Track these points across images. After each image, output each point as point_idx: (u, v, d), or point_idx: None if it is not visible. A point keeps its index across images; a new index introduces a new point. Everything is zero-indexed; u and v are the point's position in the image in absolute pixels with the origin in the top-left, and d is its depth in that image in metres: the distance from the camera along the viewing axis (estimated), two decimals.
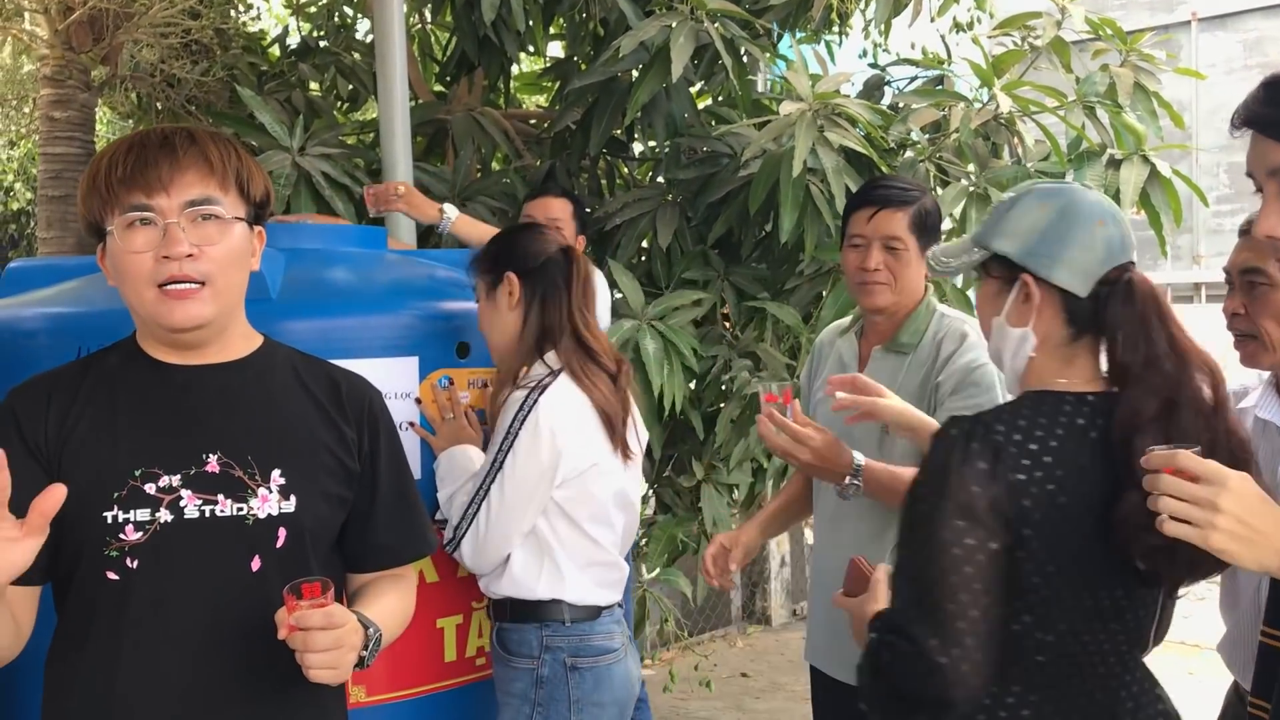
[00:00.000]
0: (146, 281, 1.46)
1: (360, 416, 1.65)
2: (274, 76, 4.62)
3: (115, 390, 1.52)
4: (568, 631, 2.21)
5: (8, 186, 10.23)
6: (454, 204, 3.99)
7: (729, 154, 3.71)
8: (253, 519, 1.51)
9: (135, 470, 1.48)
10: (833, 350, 2.58)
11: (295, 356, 1.66)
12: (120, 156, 1.47)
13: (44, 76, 4.01)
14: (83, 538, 1.47)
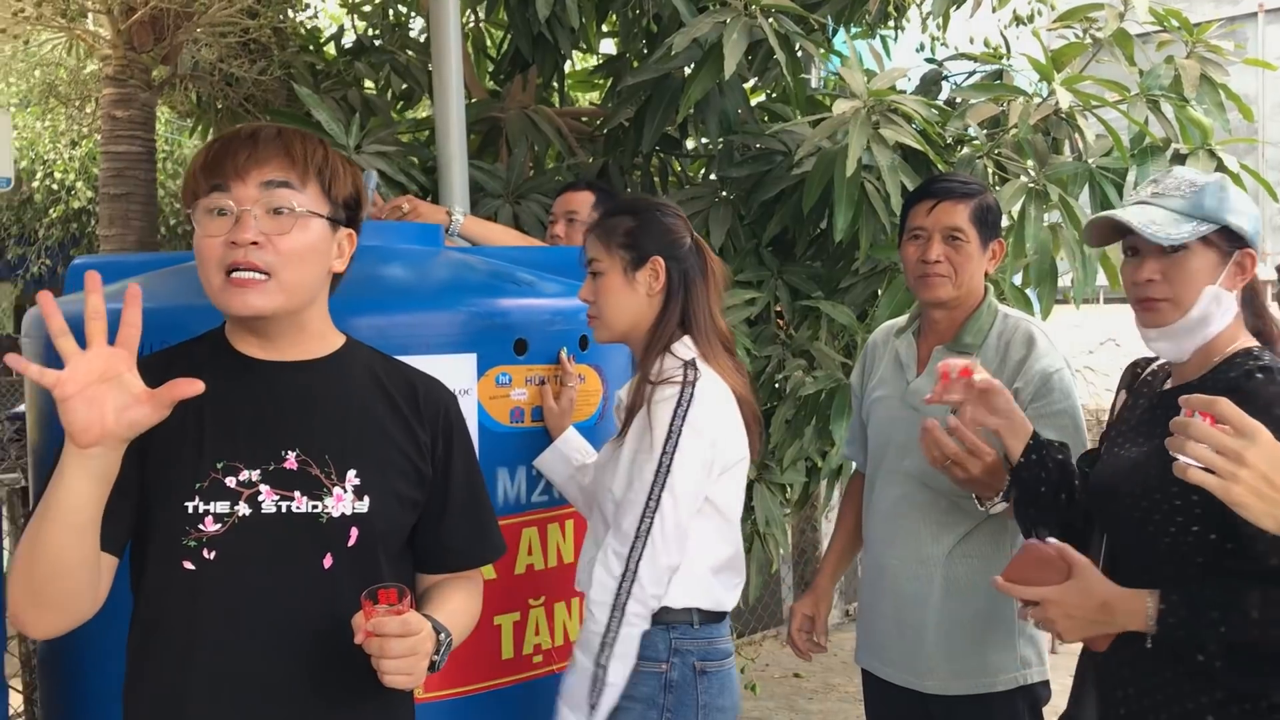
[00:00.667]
0: (215, 266, 1.47)
1: (435, 420, 1.66)
2: (330, 75, 4.66)
3: (202, 381, 1.53)
4: (696, 634, 2.10)
5: (69, 185, 10.44)
6: (508, 201, 4.03)
7: (783, 151, 3.68)
8: (326, 517, 1.52)
9: (218, 462, 1.49)
10: (887, 350, 2.55)
11: (376, 358, 1.67)
12: (207, 148, 1.51)
13: (106, 76, 4.08)
14: (163, 525, 1.48)
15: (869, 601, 2.52)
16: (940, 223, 2.31)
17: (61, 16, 3.90)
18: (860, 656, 2.53)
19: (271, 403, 1.55)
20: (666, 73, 3.82)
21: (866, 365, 2.62)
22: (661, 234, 2.15)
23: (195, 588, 1.48)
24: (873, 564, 2.48)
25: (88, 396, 1.27)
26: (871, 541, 2.49)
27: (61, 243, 10.81)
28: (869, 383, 2.58)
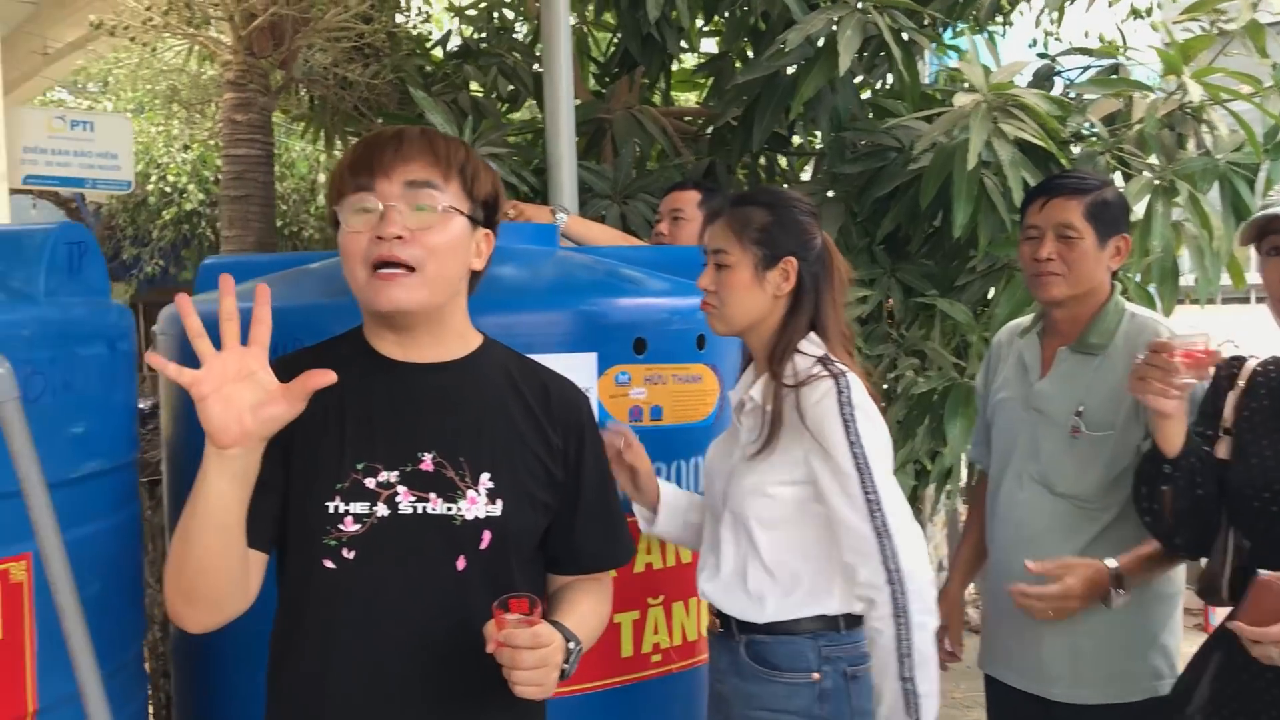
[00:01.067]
0: (361, 261, 1.49)
1: (568, 423, 1.65)
2: (439, 78, 4.73)
3: (342, 382, 1.48)
4: (842, 639, 1.99)
5: (181, 188, 10.75)
6: (616, 202, 4.04)
7: (896, 147, 3.63)
8: (460, 520, 1.52)
9: (358, 463, 1.51)
10: (1011, 350, 2.49)
11: (511, 358, 1.67)
12: (353, 149, 1.53)
13: (227, 82, 4.20)
14: (305, 523, 1.51)
15: (992, 606, 2.47)
16: (1052, 219, 2.25)
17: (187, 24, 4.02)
18: (984, 662, 2.48)
19: (410, 404, 1.56)
20: (776, 70, 3.80)
21: (990, 366, 2.57)
22: (797, 233, 2.05)
23: (334, 586, 1.50)
24: (997, 568, 2.43)
25: (224, 395, 1.29)
26: (996, 546, 2.44)
27: (173, 243, 11.13)
28: (993, 384, 2.53)
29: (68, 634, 1.64)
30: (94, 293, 2.06)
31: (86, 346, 1.97)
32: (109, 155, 6.71)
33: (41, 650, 1.83)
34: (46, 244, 1.95)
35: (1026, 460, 2.34)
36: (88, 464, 1.97)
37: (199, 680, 2.46)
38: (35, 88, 9.51)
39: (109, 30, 4.13)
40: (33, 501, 1.60)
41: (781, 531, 1.97)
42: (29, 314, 1.87)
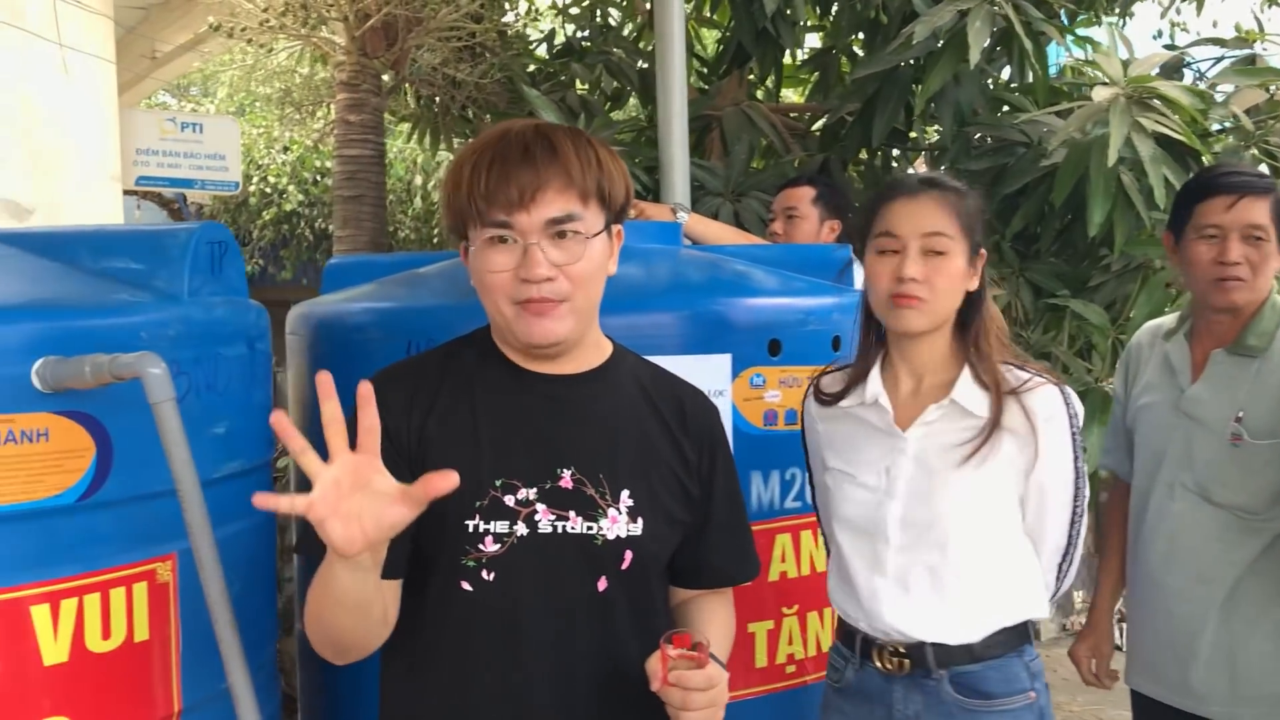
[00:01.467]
0: (506, 299, 1.43)
1: (702, 438, 1.59)
2: (546, 77, 4.71)
3: (474, 393, 1.49)
4: (1035, 652, 1.88)
5: (281, 189, 10.95)
6: (729, 199, 3.98)
7: (1024, 143, 3.50)
8: (601, 539, 1.46)
9: (496, 480, 1.44)
10: (1154, 353, 2.36)
11: (641, 367, 1.61)
12: (482, 169, 1.41)
13: (340, 82, 4.22)
14: (442, 544, 1.44)
15: (1140, 620, 2.34)
16: (1241, 220, 2.11)
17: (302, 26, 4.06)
18: (1131, 677, 2.36)
19: (546, 418, 1.49)
20: (896, 65, 3.69)
21: (1130, 369, 2.44)
22: (983, 222, 1.90)
23: (472, 611, 1.44)
24: (1145, 581, 2.31)
25: (342, 514, 1.19)
26: (1144, 558, 2.31)
27: (273, 244, 11.35)
28: (1133, 388, 2.40)
29: (220, 636, 1.62)
30: (234, 292, 2.05)
31: (228, 346, 1.96)
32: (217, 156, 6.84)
33: (186, 650, 1.83)
34: (190, 244, 1.94)
35: (1179, 469, 2.22)
36: (229, 464, 1.96)
37: (325, 678, 2.45)
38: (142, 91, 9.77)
39: (227, 32, 4.19)
40: (188, 503, 1.59)
41: (984, 542, 1.81)
42: (174, 314, 1.87)
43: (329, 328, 2.36)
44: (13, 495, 1.61)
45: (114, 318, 1.78)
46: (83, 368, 1.59)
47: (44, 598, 1.64)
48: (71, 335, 1.68)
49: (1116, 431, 2.49)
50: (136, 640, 1.75)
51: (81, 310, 1.76)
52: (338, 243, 4.41)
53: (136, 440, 1.72)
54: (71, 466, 1.67)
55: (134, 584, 1.75)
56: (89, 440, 1.68)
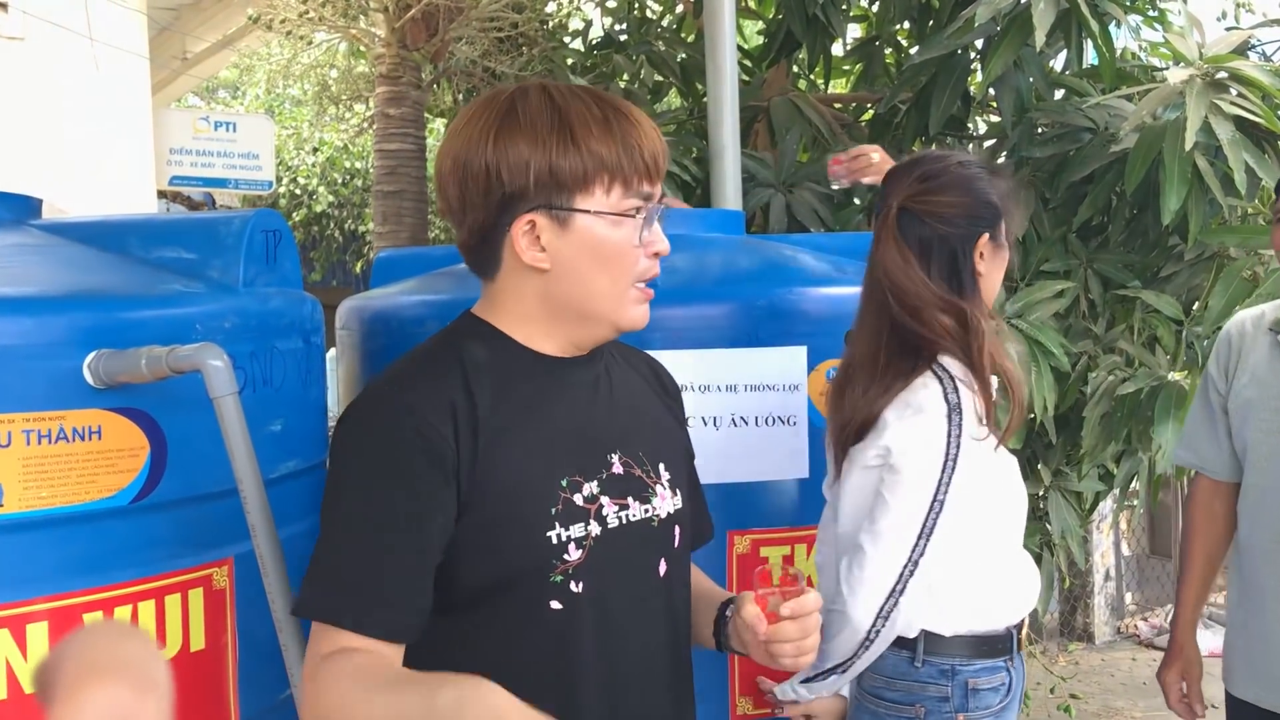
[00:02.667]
0: (634, 279, 1.30)
1: (678, 396, 1.55)
2: (587, 69, 4.61)
3: (504, 388, 1.29)
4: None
5: (311, 190, 10.93)
6: (780, 191, 3.87)
7: (1090, 128, 3.37)
8: (657, 520, 1.37)
9: (562, 480, 1.28)
10: (1258, 343, 2.23)
11: (611, 343, 1.43)
12: (622, 125, 1.25)
13: (380, 75, 4.14)
14: (521, 567, 1.25)
15: (1243, 622, 2.20)
16: None
17: (342, 17, 3.98)
18: (1237, 685, 2.22)
19: (577, 404, 1.35)
20: (953, 50, 3.57)
21: (1227, 360, 2.30)
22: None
23: (566, 630, 1.27)
24: (1252, 583, 2.17)
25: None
26: (1251, 557, 2.18)
27: (303, 244, 11.34)
28: (1235, 380, 2.26)
29: (285, 646, 1.53)
30: (289, 283, 1.96)
31: (284, 340, 1.87)
32: (251, 155, 6.78)
33: (243, 660, 1.74)
34: (244, 231, 1.85)
35: None
36: (286, 463, 1.87)
37: None
38: (173, 93, 9.75)
39: (265, 25, 4.11)
40: (250, 504, 1.49)
41: None
42: (229, 305, 1.78)
43: (384, 321, 2.27)
44: (64, 497, 1.52)
45: (168, 308, 1.69)
46: (138, 361, 1.49)
47: (97, 605, 1.55)
48: (123, 327, 1.59)
49: (1203, 425, 2.34)
50: (193, 650, 1.66)
51: (134, 300, 1.67)
52: (377, 239, 4.33)
53: (192, 438, 1.63)
54: (125, 466, 1.57)
55: (190, 590, 1.66)
56: (143, 439, 1.59)
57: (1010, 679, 1.79)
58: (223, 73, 10.66)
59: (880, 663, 1.78)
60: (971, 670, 1.75)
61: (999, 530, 1.81)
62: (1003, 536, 1.82)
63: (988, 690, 1.75)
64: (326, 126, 7.38)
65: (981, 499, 1.75)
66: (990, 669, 1.76)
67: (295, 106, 9.91)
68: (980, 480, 1.73)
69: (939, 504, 1.67)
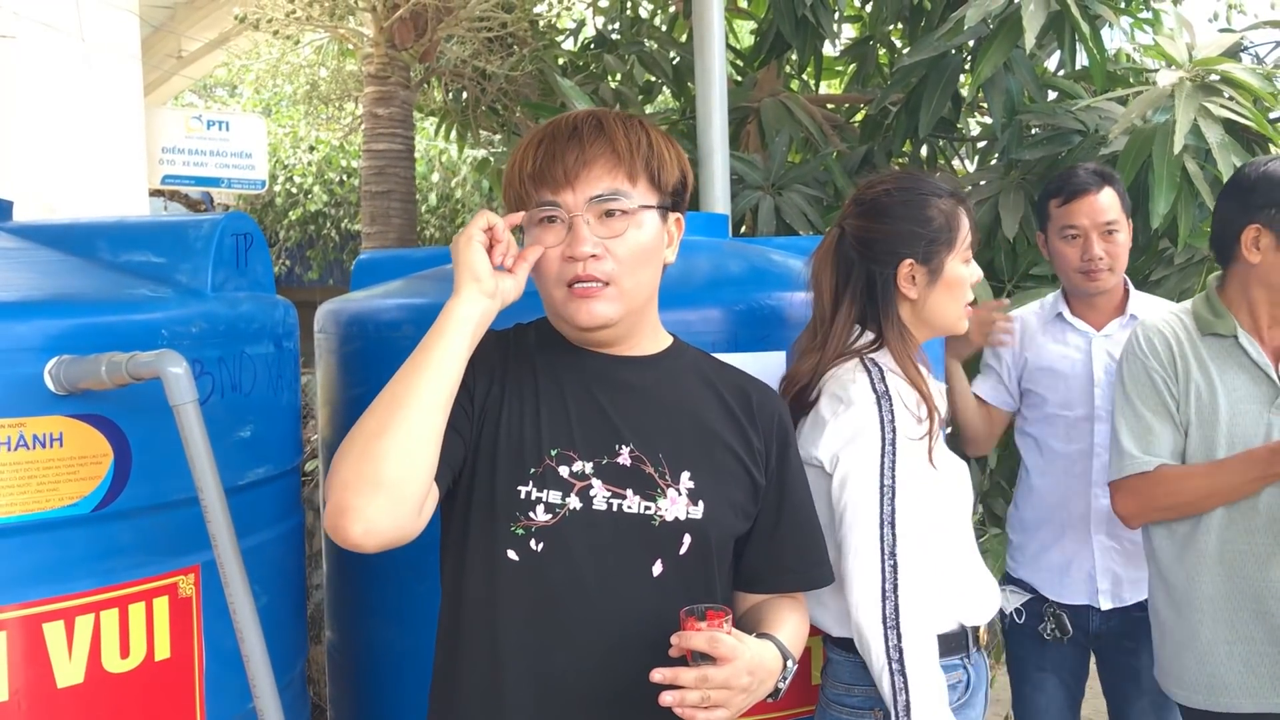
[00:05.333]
0: (555, 281, 1.42)
1: (770, 428, 1.54)
2: (577, 69, 4.59)
3: (535, 367, 1.47)
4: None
5: (307, 189, 10.91)
6: (769, 193, 3.84)
7: (1080, 131, 3.35)
8: (659, 520, 1.41)
9: (552, 449, 1.41)
10: (1192, 350, 2.16)
11: (703, 359, 1.58)
12: (530, 150, 1.43)
13: (368, 75, 4.12)
14: (491, 507, 1.40)
15: (1226, 633, 2.16)
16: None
17: (329, 17, 3.96)
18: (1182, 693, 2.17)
19: (605, 394, 1.46)
20: (943, 52, 3.55)
21: (1176, 368, 2.22)
22: None
23: (517, 582, 1.39)
24: (1245, 590, 2.12)
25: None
26: (1250, 564, 2.13)
27: (299, 243, 11.32)
28: (1190, 388, 2.19)
29: (247, 655, 1.51)
30: (260, 287, 1.94)
31: (255, 345, 1.85)
32: (244, 154, 6.77)
33: (210, 667, 1.72)
34: (213, 235, 1.83)
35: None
36: (255, 470, 1.86)
37: (357, 687, 2.34)
38: (169, 91, 9.74)
39: (253, 24, 4.09)
40: (211, 512, 1.47)
41: None
42: (197, 310, 1.76)
43: (360, 324, 2.25)
44: (25, 505, 1.51)
45: (133, 314, 1.67)
46: (99, 367, 1.48)
47: (58, 615, 1.54)
48: (88, 332, 1.58)
49: (1156, 427, 2.17)
50: (157, 659, 1.64)
51: (98, 306, 1.65)
52: (366, 239, 4.32)
53: (157, 445, 1.62)
54: (87, 474, 1.56)
55: (154, 599, 1.64)
56: (106, 445, 1.58)
57: (968, 676, 1.80)
58: (219, 71, 10.65)
59: (838, 668, 1.79)
60: None
61: (948, 530, 1.80)
62: (952, 537, 1.81)
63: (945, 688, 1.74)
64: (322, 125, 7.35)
65: (928, 498, 1.75)
66: (947, 667, 1.75)
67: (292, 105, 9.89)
68: (926, 479, 1.74)
69: (889, 489, 1.67)
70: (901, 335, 1.82)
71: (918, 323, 1.85)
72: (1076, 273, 2.49)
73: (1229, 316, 2.09)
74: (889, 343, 1.81)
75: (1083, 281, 2.49)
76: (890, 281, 1.81)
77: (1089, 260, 2.45)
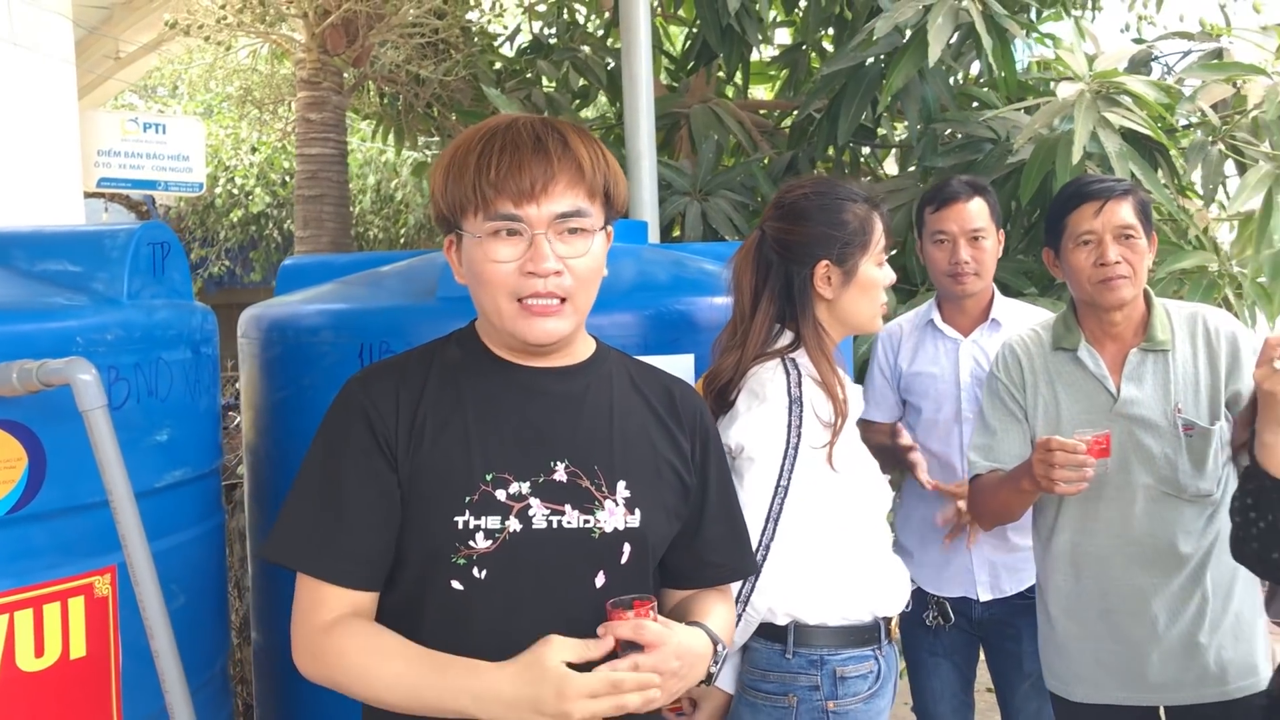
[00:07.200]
0: (508, 294, 1.38)
1: (694, 427, 1.56)
2: (511, 74, 4.65)
3: (461, 387, 1.43)
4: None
5: (248, 190, 10.85)
6: (696, 199, 3.93)
7: (991, 139, 3.47)
8: (599, 532, 1.41)
9: (487, 474, 1.39)
10: (1041, 362, 2.26)
11: (628, 361, 1.58)
12: (492, 156, 1.37)
13: (301, 80, 4.15)
14: (429, 541, 1.38)
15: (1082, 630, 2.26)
16: (1112, 223, 2.15)
17: (260, 23, 3.98)
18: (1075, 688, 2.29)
19: (537, 411, 1.44)
20: (861, 61, 3.66)
21: (1020, 376, 2.31)
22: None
23: (464, 610, 1.37)
24: (1100, 588, 2.24)
25: None
26: (1099, 564, 2.24)
27: (241, 245, 11.24)
28: (1035, 397, 2.30)
29: (157, 653, 1.56)
30: (177, 295, 1.99)
31: (171, 351, 1.90)
32: (181, 157, 6.74)
33: (127, 666, 1.77)
34: (130, 244, 1.88)
35: (1139, 471, 2.17)
36: (172, 473, 1.90)
37: (282, 688, 2.39)
38: (107, 92, 9.63)
39: (184, 29, 4.11)
40: (121, 514, 1.53)
41: None
42: (112, 317, 1.81)
43: (281, 330, 2.30)
44: None
45: (49, 322, 1.72)
46: (10, 374, 1.53)
47: None
48: (3, 340, 1.62)
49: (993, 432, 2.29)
50: (73, 658, 1.69)
51: (14, 314, 1.69)
52: (299, 243, 4.34)
53: (72, 449, 1.66)
54: (2, 478, 1.60)
55: (70, 599, 1.69)
56: (20, 450, 1.62)
57: (879, 667, 1.87)
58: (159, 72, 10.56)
59: (755, 655, 1.87)
60: (839, 659, 1.83)
61: (858, 526, 1.89)
62: (863, 532, 1.90)
63: (856, 678, 1.83)
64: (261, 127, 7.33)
65: (837, 495, 1.84)
66: (858, 658, 1.84)
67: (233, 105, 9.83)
68: (833, 477, 1.83)
69: (782, 489, 1.77)
70: (818, 333, 1.90)
71: (834, 322, 1.93)
72: (945, 276, 2.61)
73: (1077, 331, 2.23)
74: (805, 341, 1.88)
75: (950, 285, 2.61)
76: (807, 281, 1.89)
77: (955, 264, 2.57)
